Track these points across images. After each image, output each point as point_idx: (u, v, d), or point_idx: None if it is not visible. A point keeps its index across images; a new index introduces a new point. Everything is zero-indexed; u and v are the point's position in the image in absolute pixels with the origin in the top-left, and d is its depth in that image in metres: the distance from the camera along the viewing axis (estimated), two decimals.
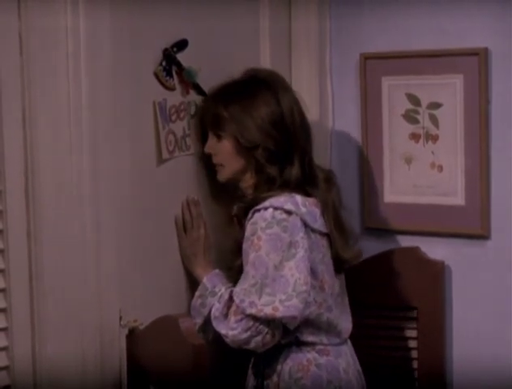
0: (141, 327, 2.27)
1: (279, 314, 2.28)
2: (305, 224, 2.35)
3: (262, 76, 2.48)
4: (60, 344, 2.12)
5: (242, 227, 2.39)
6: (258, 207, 2.35)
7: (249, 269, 2.32)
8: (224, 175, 2.48)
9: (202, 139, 2.51)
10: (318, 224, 2.40)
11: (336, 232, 2.43)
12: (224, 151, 2.45)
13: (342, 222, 2.48)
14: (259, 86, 2.44)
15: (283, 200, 2.35)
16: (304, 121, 2.46)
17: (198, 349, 2.13)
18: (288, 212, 2.33)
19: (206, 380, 2.15)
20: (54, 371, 2.11)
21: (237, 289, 2.34)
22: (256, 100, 2.41)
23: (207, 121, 2.49)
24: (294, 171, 2.40)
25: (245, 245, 2.35)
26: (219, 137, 2.45)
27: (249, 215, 2.36)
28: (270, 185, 2.41)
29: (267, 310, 2.27)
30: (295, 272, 2.29)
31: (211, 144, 2.47)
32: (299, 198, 2.37)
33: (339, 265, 2.46)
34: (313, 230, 2.38)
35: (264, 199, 2.36)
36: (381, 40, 2.80)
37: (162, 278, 2.44)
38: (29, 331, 2.09)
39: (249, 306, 2.29)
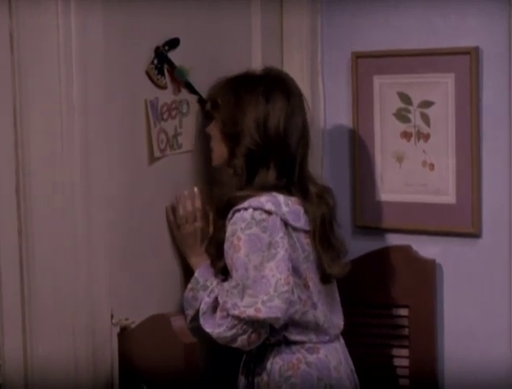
0: (132, 326, 2.27)
1: (261, 316, 2.27)
2: (286, 224, 2.35)
3: (270, 76, 2.47)
4: (51, 343, 2.12)
5: (223, 227, 2.39)
6: (238, 207, 2.34)
7: (230, 270, 2.33)
8: (213, 159, 2.51)
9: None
10: (302, 222, 2.39)
11: (322, 249, 2.41)
12: (214, 135, 2.48)
13: (330, 239, 2.44)
14: (259, 84, 2.43)
15: (264, 200, 2.34)
16: (293, 131, 2.41)
17: (189, 348, 2.13)
18: (268, 212, 2.32)
19: (198, 379, 2.15)
20: (46, 370, 2.10)
21: (221, 290, 2.35)
22: (249, 96, 2.41)
23: (210, 104, 2.51)
24: (269, 176, 2.38)
25: (225, 246, 2.36)
26: (216, 121, 2.48)
27: (230, 214, 2.36)
28: (237, 179, 2.41)
29: (250, 312, 2.27)
30: (276, 273, 2.29)
31: (210, 126, 2.51)
32: (281, 197, 2.37)
33: (325, 278, 2.44)
34: (296, 229, 2.38)
35: (244, 199, 2.35)
36: (372, 38, 2.81)
37: (153, 276, 2.44)
38: (20, 330, 2.08)
39: (232, 308, 2.29)
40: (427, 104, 2.75)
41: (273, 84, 2.44)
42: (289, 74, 2.56)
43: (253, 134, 2.39)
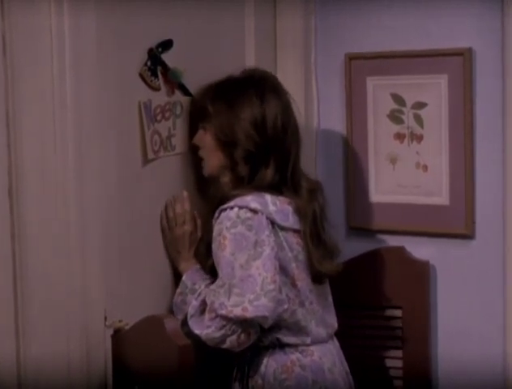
0: (126, 328, 2.27)
1: (249, 315, 2.26)
2: (273, 223, 2.35)
3: (256, 77, 2.48)
4: (45, 345, 2.11)
5: (211, 227, 2.39)
6: (223, 207, 2.35)
7: (218, 270, 2.33)
8: (206, 170, 2.51)
9: (192, 133, 2.52)
10: (290, 222, 2.40)
11: (312, 245, 2.41)
12: (206, 144, 2.47)
13: (321, 235, 2.45)
14: (249, 86, 2.44)
15: (250, 199, 2.34)
16: (288, 128, 2.44)
17: (183, 350, 2.12)
18: (254, 211, 2.32)
19: (192, 381, 2.15)
20: (39, 372, 2.09)
21: (208, 290, 2.35)
22: (242, 99, 2.42)
23: (195, 113, 2.50)
24: (268, 174, 2.40)
25: (213, 246, 2.36)
26: (204, 130, 2.46)
27: (216, 214, 2.36)
28: (239, 183, 2.42)
29: (237, 311, 2.26)
30: (262, 271, 2.28)
31: (198, 136, 2.49)
32: (268, 196, 2.37)
33: (317, 277, 2.44)
34: (284, 228, 2.38)
35: (232, 198, 2.35)
36: (366, 40, 2.81)
37: (147, 278, 2.44)
38: (13, 332, 2.07)
39: (220, 308, 2.28)
40: (420, 105, 2.75)
41: (263, 84, 2.45)
42: (271, 73, 2.58)
43: (252, 136, 2.39)
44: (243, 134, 2.40)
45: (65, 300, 2.14)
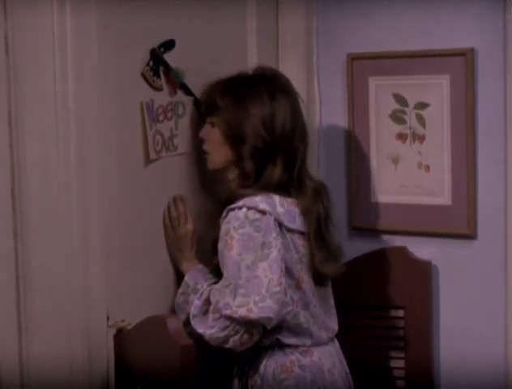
0: (128, 327, 2.27)
1: (253, 316, 2.27)
2: (281, 224, 2.35)
3: (267, 76, 2.48)
4: (47, 344, 2.11)
5: (219, 225, 2.39)
6: (232, 206, 2.34)
7: (223, 269, 2.33)
8: (210, 163, 2.50)
9: (199, 127, 2.53)
10: (297, 223, 2.39)
11: (316, 246, 2.41)
12: (213, 138, 2.47)
13: (325, 236, 2.45)
14: (260, 84, 2.44)
15: (259, 200, 2.34)
16: (297, 128, 2.44)
17: (185, 349, 2.13)
18: (262, 212, 2.32)
19: (194, 380, 2.15)
20: (41, 371, 2.10)
21: (213, 289, 2.35)
22: (253, 96, 2.42)
23: (205, 107, 2.50)
24: (276, 173, 2.40)
25: (219, 245, 2.36)
26: (212, 124, 2.47)
27: (224, 213, 2.36)
28: (245, 180, 2.42)
29: (242, 312, 2.26)
30: (268, 273, 2.28)
31: (205, 130, 2.49)
32: (277, 197, 2.37)
33: (318, 278, 2.44)
34: (291, 230, 2.38)
35: (240, 198, 2.35)
36: (368, 40, 2.81)
37: (150, 278, 2.44)
38: (16, 332, 2.07)
39: (224, 307, 2.28)
40: (422, 105, 2.75)
41: (274, 83, 2.45)
42: (282, 73, 2.58)
43: (260, 133, 2.39)
44: (252, 130, 2.40)
45: (67, 299, 2.15)
